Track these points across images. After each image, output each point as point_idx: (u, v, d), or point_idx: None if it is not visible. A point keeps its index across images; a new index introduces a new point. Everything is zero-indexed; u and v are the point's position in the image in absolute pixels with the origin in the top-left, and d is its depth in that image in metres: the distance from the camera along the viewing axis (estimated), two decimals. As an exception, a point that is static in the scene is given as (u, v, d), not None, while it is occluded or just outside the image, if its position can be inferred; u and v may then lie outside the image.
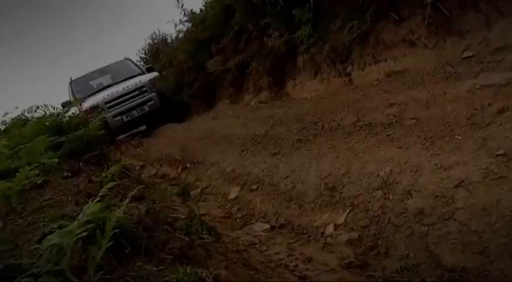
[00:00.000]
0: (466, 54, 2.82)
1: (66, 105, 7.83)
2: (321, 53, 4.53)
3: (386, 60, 3.86)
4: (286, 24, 4.97)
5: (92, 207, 1.19)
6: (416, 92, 2.69)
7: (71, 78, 9.19)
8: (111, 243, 1.09)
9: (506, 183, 1.40)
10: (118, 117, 7.82)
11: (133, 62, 10.02)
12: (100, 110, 7.24)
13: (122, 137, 7.02)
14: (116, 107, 7.88)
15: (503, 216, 1.30)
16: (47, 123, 4.06)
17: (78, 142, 3.72)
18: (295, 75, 5.09)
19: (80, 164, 3.31)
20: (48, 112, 4.55)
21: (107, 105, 7.77)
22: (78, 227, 1.11)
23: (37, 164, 2.90)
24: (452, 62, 2.80)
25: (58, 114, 4.24)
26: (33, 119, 4.36)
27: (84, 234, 1.10)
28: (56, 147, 3.56)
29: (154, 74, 8.81)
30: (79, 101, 5.12)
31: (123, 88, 8.07)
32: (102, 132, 3.78)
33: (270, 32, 5.09)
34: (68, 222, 1.44)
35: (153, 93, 8.15)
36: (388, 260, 1.56)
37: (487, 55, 2.60)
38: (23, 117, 4.60)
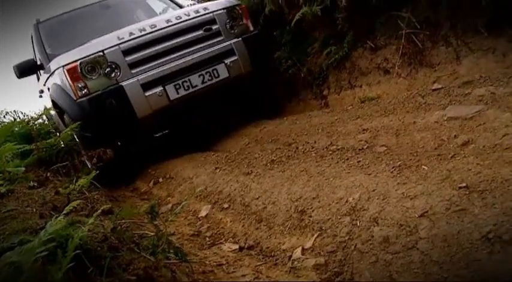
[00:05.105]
0: (436, 85, 2.93)
1: (24, 69, 4.35)
2: (299, 74, 4.62)
3: (361, 86, 3.98)
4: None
5: (54, 225, 1.16)
6: (388, 119, 2.77)
7: (37, 19, 4.86)
8: (72, 264, 1.07)
9: (467, 215, 1.45)
10: (156, 90, 3.64)
11: None
12: (107, 69, 3.58)
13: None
14: (150, 65, 3.69)
15: (463, 248, 1.34)
16: (15, 129, 3.96)
17: (47, 151, 3.65)
18: (272, 95, 5.15)
19: (48, 174, 3.23)
20: (17, 118, 4.45)
21: (127, 60, 3.64)
22: (39, 245, 1.08)
23: (1, 172, 2.81)
24: (423, 92, 2.91)
25: (28, 121, 4.15)
26: (1, 125, 4.25)
27: (45, 253, 1.07)
28: (24, 155, 3.48)
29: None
30: (48, 110, 3.71)
31: (167, 21, 3.78)
32: (72, 142, 3.66)
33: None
34: (30, 237, 1.40)
35: (237, 40, 3.95)
36: (352, 286, 1.58)
37: (455, 88, 2.72)
38: (-9, 123, 4.48)
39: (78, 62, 3.58)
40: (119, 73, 3.64)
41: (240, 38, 3.97)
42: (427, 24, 3.43)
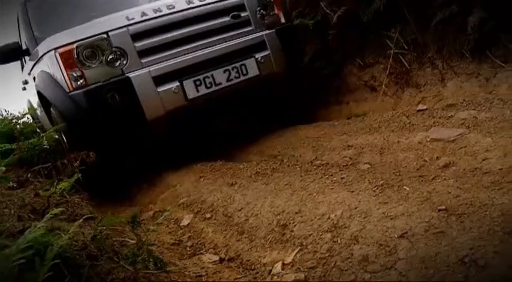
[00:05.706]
0: (420, 106, 3.00)
1: (6, 52, 3.80)
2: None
3: (348, 103, 4.04)
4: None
5: (33, 233, 1.15)
6: (373, 137, 2.82)
7: None
8: (50, 273, 1.05)
9: (445, 238, 1.48)
10: (172, 86, 3.04)
11: None
12: (110, 55, 2.96)
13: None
14: (165, 54, 3.10)
15: (440, 271, 1.37)
16: (-3, 128, 3.89)
17: (29, 151, 3.58)
18: (260, 106, 5.17)
19: (29, 175, 3.17)
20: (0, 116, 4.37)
21: (137, 46, 3.03)
22: (16, 252, 1.06)
23: (-19, 172, 2.75)
24: (408, 112, 2.97)
25: (11, 119, 4.08)
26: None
27: (22, 261, 1.05)
28: (5, 154, 3.41)
29: None
30: (34, 110, 3.62)
31: (188, 2, 3.19)
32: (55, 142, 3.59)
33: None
34: (7, 241, 1.37)
35: (270, 31, 3.44)
36: (330, 303, 1.59)
37: (439, 110, 2.78)
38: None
39: (75, 45, 2.89)
40: (125, 62, 3.00)
41: (273, 30, 3.42)
42: (414, 46, 3.52)
